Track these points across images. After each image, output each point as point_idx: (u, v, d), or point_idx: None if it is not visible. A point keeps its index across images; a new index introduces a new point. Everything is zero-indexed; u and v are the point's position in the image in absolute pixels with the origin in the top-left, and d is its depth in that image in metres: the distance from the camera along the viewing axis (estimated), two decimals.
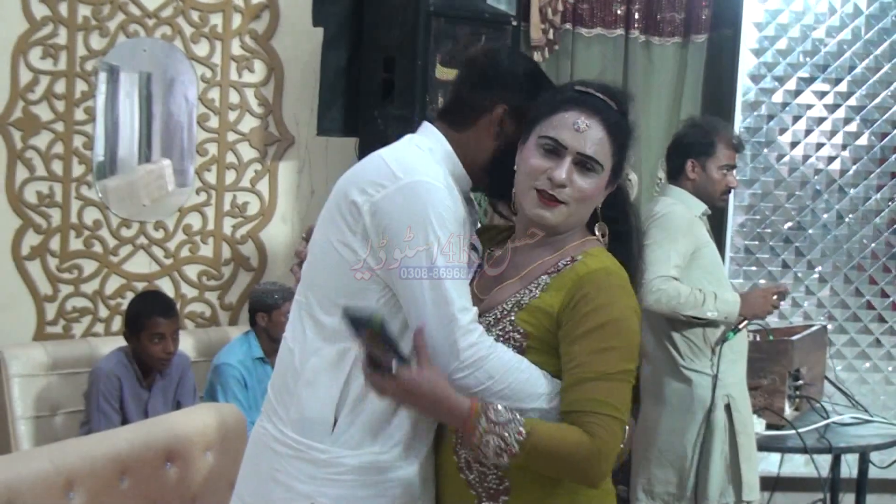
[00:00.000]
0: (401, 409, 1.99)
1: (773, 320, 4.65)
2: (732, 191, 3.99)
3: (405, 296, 1.99)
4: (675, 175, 3.87)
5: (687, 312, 3.62)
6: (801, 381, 4.20)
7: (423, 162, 2.04)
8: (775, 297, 3.77)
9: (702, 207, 3.82)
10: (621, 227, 2.11)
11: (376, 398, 1.96)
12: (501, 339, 1.97)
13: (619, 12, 4.99)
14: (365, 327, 1.84)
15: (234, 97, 4.80)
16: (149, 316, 3.94)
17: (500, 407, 1.87)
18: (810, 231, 5.20)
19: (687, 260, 3.69)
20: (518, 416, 1.87)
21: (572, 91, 2.05)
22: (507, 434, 1.85)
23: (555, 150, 1.99)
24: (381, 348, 1.85)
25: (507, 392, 1.92)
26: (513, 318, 1.98)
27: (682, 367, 3.72)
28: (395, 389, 1.87)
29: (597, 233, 2.09)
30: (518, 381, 1.94)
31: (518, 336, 1.97)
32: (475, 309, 1.98)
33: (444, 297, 1.94)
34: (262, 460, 2.11)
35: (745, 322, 3.77)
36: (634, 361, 1.98)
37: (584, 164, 1.99)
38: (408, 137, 2.16)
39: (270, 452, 2.09)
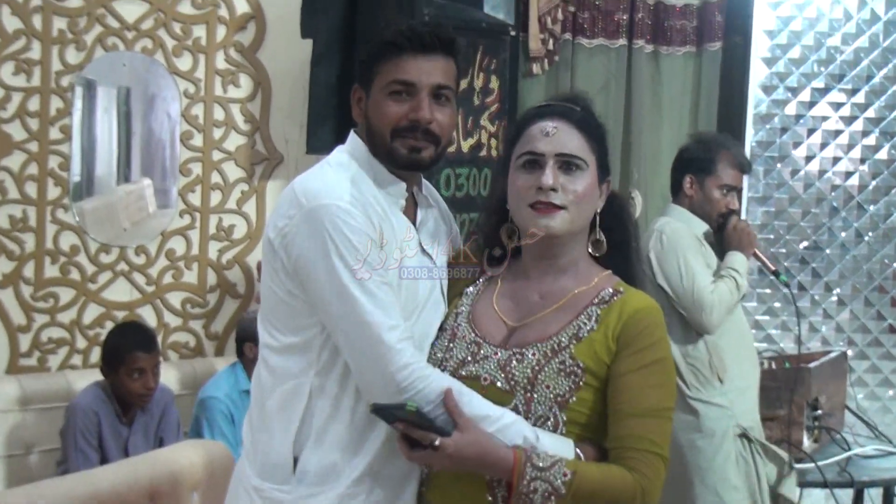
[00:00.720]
0: (363, 446, 2.10)
1: (788, 346, 4.63)
2: (745, 207, 3.99)
3: (327, 324, 2.08)
4: (676, 191, 3.86)
5: (736, 300, 3.66)
6: (819, 411, 4.14)
7: (327, 182, 2.12)
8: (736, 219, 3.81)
9: (703, 227, 3.80)
10: (619, 237, 2.23)
11: (336, 434, 2.09)
12: (562, 373, 2.05)
13: (622, 21, 4.99)
14: (399, 418, 1.97)
15: (218, 113, 4.79)
16: (128, 350, 3.91)
17: (541, 452, 1.98)
18: (828, 251, 5.22)
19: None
20: (560, 458, 1.98)
21: (532, 110, 2.22)
22: (552, 478, 1.95)
23: (534, 161, 2.12)
24: (420, 429, 1.97)
25: (446, 417, 2.01)
26: (572, 350, 2.07)
27: (689, 397, 3.66)
28: (441, 461, 1.99)
29: (589, 249, 2.20)
30: (461, 404, 2.01)
31: (578, 371, 2.06)
32: (403, 325, 2.05)
33: (364, 320, 2.01)
34: (239, 500, 2.21)
35: (757, 255, 3.86)
36: (675, 398, 2.13)
37: (568, 164, 2.11)
38: (331, 154, 2.27)
39: (244, 494, 2.19)
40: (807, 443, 4.07)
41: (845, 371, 4.54)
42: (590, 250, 2.21)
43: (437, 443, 1.93)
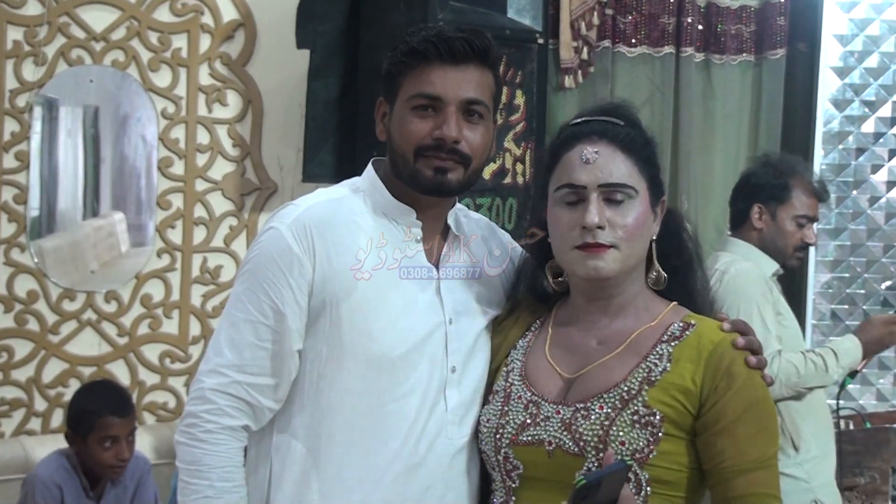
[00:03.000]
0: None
1: (869, 403, 4.58)
2: (810, 247, 3.99)
3: None
4: (739, 223, 3.85)
5: (811, 385, 3.58)
6: None
7: (293, 207, 2.25)
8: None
9: (773, 266, 3.77)
10: (678, 260, 2.22)
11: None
12: (638, 426, 2.03)
13: (668, 26, 5.04)
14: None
15: (202, 136, 4.78)
16: (98, 414, 3.86)
17: None
18: None
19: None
20: None
21: (568, 129, 2.19)
22: None
23: (575, 196, 2.11)
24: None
25: (185, 488, 2.15)
26: (645, 397, 2.05)
27: None
28: None
29: (648, 283, 2.21)
30: (197, 489, 2.15)
31: (656, 421, 2.04)
32: (241, 378, 2.16)
33: (215, 345, 2.20)
34: None
35: (865, 361, 3.75)
36: (778, 436, 2.17)
37: (614, 195, 2.09)
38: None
39: None
40: None
41: None
42: (650, 285, 2.21)
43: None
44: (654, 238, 2.19)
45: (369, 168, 2.32)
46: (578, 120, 2.19)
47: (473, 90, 2.20)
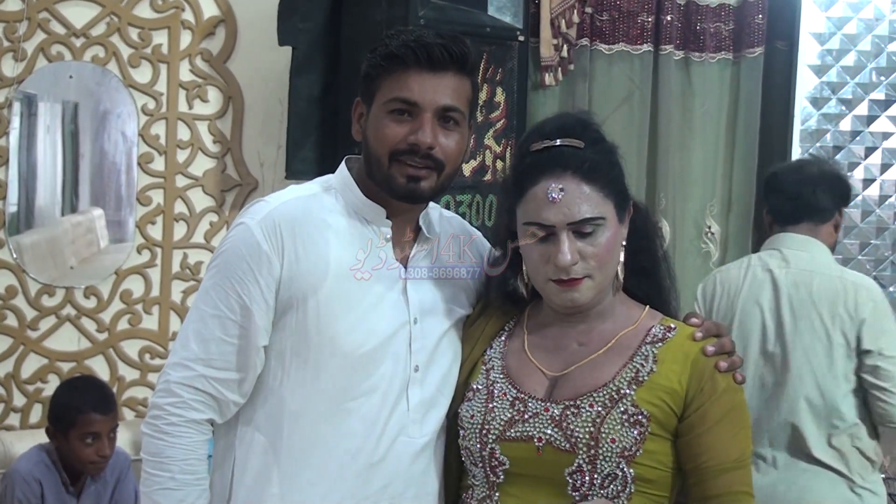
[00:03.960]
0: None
1: None
2: None
3: None
4: (819, 221, 3.72)
5: None
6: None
7: (264, 203, 2.27)
8: None
9: None
10: (648, 261, 2.28)
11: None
12: (627, 424, 2.08)
13: (647, 24, 5.03)
14: None
15: (183, 132, 4.78)
16: (81, 410, 3.86)
17: None
18: (892, 289, 5.21)
19: None
20: None
21: (530, 155, 2.19)
22: None
23: (545, 232, 2.14)
24: None
25: (147, 479, 2.20)
26: (633, 397, 2.11)
27: (856, 485, 3.57)
28: None
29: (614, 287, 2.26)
30: (159, 480, 2.18)
31: (643, 420, 2.09)
32: (207, 372, 2.18)
33: (182, 338, 2.23)
34: None
35: None
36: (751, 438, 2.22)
37: (583, 228, 2.13)
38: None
39: None
40: None
41: None
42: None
43: None
44: (624, 242, 2.24)
45: (342, 166, 2.35)
46: (539, 146, 2.18)
47: (450, 97, 2.22)
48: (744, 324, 3.57)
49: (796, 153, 5.12)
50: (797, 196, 3.69)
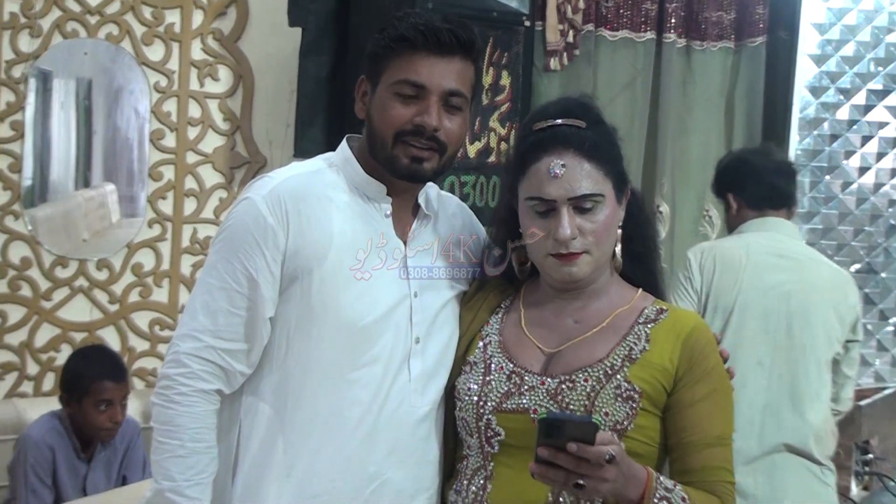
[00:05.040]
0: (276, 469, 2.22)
1: (867, 383, 4.65)
2: None
3: None
4: (789, 206, 3.80)
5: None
6: (870, 455, 4.22)
7: (268, 179, 2.27)
8: None
9: None
10: (641, 246, 2.32)
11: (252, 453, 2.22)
12: (620, 399, 2.12)
13: (650, 12, 5.05)
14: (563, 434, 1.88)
15: (194, 110, 4.80)
16: (95, 379, 3.90)
17: (661, 475, 2.09)
18: (883, 275, 5.28)
19: None
20: (677, 483, 2.09)
21: (533, 134, 2.22)
22: (675, 499, 2.05)
23: (546, 207, 2.17)
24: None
25: (157, 447, 2.18)
26: (626, 373, 2.15)
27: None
28: (615, 476, 1.96)
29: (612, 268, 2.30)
30: (169, 448, 2.17)
31: (636, 395, 2.13)
32: (215, 343, 2.19)
33: (190, 310, 2.22)
34: None
35: None
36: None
37: (583, 204, 2.16)
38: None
39: None
40: (855, 490, 4.15)
41: None
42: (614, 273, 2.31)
43: (612, 452, 1.89)
44: (621, 225, 2.27)
45: (343, 144, 2.35)
46: (542, 125, 2.21)
47: (455, 82, 2.23)
48: (747, 303, 3.56)
49: (794, 141, 5.10)
50: (776, 183, 3.74)
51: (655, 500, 2.01)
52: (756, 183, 3.74)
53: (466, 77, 2.26)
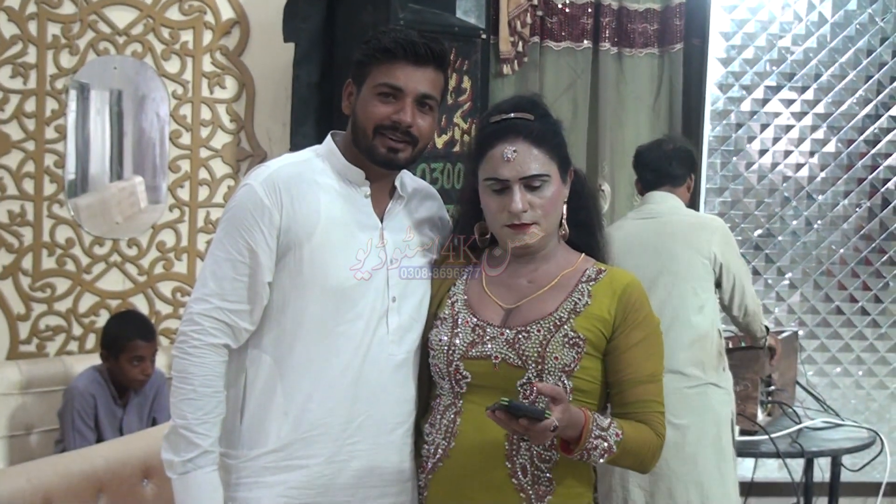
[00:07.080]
0: (275, 412, 2.22)
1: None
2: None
3: None
4: (676, 184, 3.87)
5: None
6: (773, 387, 4.23)
7: (265, 167, 2.27)
8: None
9: None
10: (583, 216, 2.32)
11: (256, 397, 2.23)
12: (567, 345, 2.14)
13: (587, 25, 5.01)
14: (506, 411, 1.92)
15: (205, 113, 4.78)
16: (129, 338, 3.92)
17: (598, 415, 2.09)
18: (780, 238, 5.23)
19: None
20: (611, 419, 2.10)
21: (489, 126, 2.24)
22: (609, 437, 2.06)
23: (501, 185, 2.18)
24: (527, 416, 1.92)
25: (174, 391, 2.18)
26: (573, 324, 2.16)
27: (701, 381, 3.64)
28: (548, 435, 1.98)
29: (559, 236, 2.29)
30: (183, 392, 2.17)
31: (580, 342, 2.15)
32: (223, 305, 2.18)
33: (201, 278, 2.22)
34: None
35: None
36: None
37: (532, 182, 2.17)
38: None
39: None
40: (761, 416, 4.14)
41: (796, 349, 4.60)
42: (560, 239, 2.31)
43: (556, 423, 1.93)
44: (566, 201, 2.27)
45: (328, 138, 2.35)
46: (497, 118, 2.24)
47: (428, 87, 2.24)
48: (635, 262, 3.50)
49: (707, 129, 5.05)
50: (657, 168, 3.85)
51: (592, 438, 2.03)
52: (643, 170, 3.90)
53: (437, 84, 2.28)
